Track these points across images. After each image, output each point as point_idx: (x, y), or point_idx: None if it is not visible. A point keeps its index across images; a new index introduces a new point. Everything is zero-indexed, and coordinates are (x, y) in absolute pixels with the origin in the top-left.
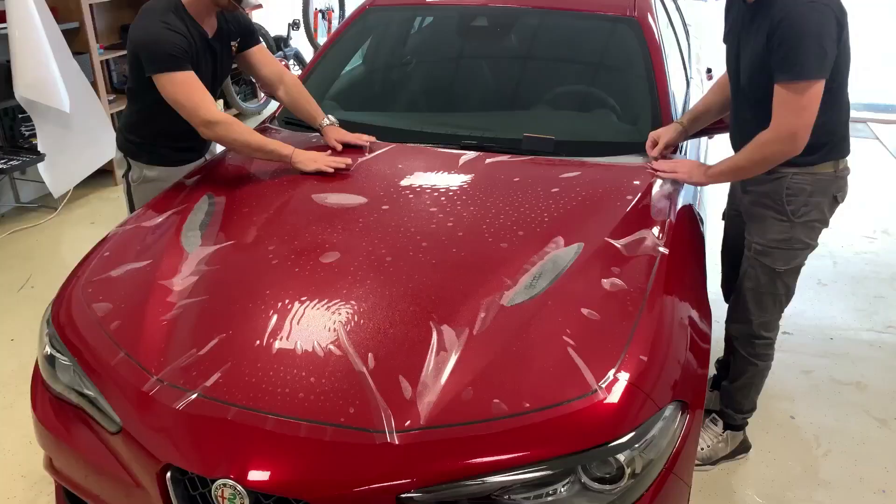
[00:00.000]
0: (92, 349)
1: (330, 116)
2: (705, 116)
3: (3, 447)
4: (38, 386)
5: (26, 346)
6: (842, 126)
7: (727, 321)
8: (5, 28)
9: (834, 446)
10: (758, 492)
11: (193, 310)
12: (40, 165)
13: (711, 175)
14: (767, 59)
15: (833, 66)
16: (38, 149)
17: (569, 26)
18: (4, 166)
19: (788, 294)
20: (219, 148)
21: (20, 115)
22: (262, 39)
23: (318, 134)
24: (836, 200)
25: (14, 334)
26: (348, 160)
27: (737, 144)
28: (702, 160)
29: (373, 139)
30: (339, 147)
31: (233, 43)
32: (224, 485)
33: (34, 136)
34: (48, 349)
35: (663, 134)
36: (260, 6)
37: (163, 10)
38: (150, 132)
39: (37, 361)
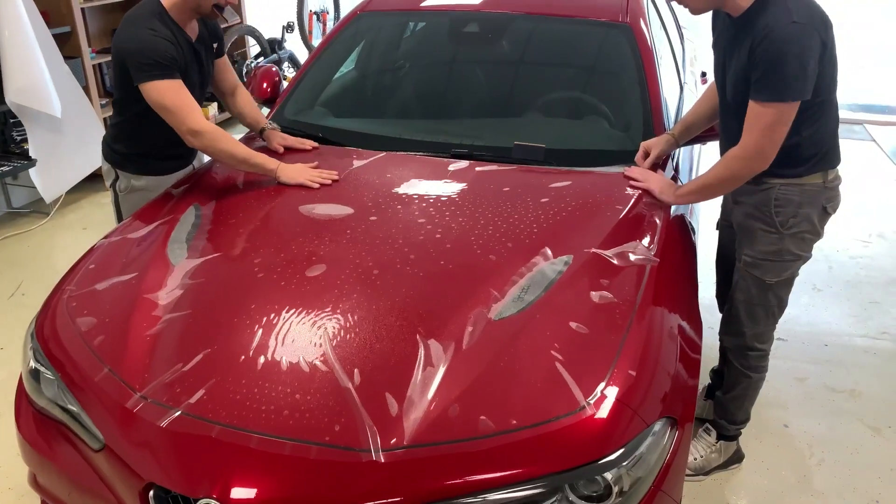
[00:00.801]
0: (75, 364)
1: (271, 122)
2: (696, 125)
3: None
4: (23, 401)
5: (16, 356)
6: (830, 138)
7: (721, 333)
8: None
9: (827, 455)
10: (751, 502)
11: (178, 324)
12: (32, 171)
13: (680, 195)
14: (749, 75)
15: (818, 81)
16: (30, 154)
17: (560, 32)
18: None
19: (781, 305)
20: (206, 156)
21: (11, 121)
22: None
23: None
24: (826, 211)
25: (4, 343)
26: (335, 174)
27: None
28: (694, 165)
29: (315, 145)
30: (281, 150)
31: (214, 45)
32: None
33: (25, 141)
34: (32, 363)
35: (654, 145)
36: (239, 22)
37: (148, 16)
38: (137, 142)
39: (21, 375)
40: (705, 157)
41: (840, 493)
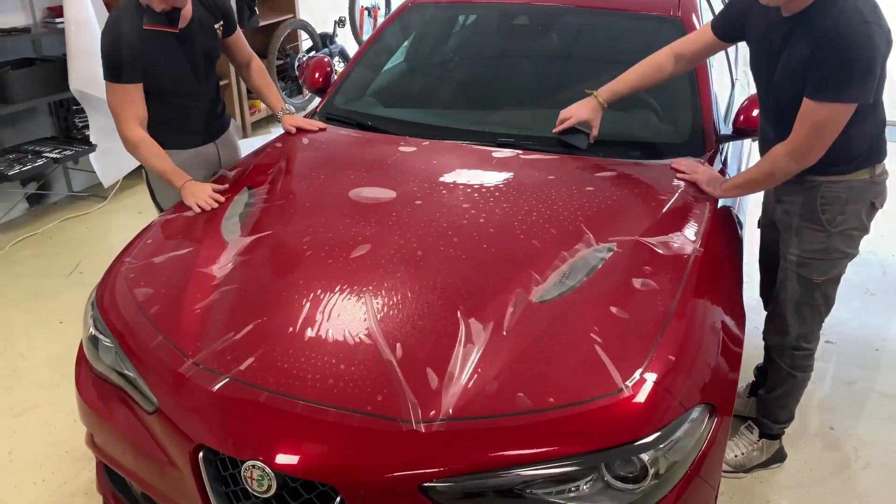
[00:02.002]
0: (132, 332)
1: (287, 106)
2: (627, 94)
3: (50, 424)
4: (82, 366)
5: (73, 329)
6: (877, 137)
7: (765, 332)
8: (62, 22)
9: (874, 460)
10: (792, 502)
11: (230, 297)
12: (92, 156)
13: (726, 189)
14: (807, 73)
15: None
16: (90, 140)
17: (611, 26)
18: (58, 156)
19: (828, 304)
20: (232, 136)
21: (74, 108)
22: (238, 26)
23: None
24: (874, 207)
25: (62, 317)
26: (221, 199)
27: (765, 153)
28: (743, 160)
29: (324, 126)
30: (294, 131)
31: (216, 26)
32: (253, 466)
33: (87, 127)
34: (92, 330)
35: (591, 117)
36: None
37: (117, 17)
38: (150, 121)
39: (81, 342)
40: (755, 153)
41: (885, 498)
